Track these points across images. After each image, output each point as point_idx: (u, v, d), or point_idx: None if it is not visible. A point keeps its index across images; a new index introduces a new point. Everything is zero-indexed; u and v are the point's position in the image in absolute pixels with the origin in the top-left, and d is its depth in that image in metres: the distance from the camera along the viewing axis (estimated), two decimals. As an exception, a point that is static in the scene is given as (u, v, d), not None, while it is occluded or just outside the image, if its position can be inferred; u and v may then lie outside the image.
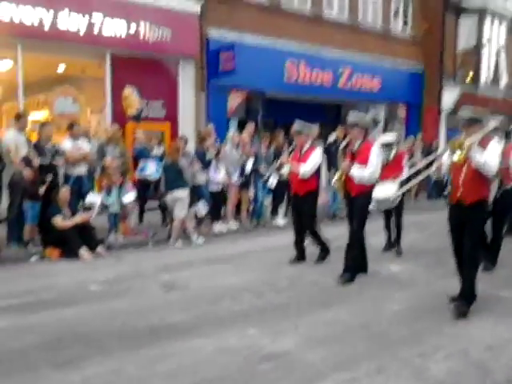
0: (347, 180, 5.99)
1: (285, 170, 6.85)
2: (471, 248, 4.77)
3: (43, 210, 7.25)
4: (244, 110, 13.10)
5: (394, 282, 5.96)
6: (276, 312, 4.89)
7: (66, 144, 8.03)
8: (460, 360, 3.86)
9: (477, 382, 3.50)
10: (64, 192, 7.28)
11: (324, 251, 6.83)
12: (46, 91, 11.04)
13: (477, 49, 17.47)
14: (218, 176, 8.93)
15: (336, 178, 6.12)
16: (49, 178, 7.31)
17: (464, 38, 17.34)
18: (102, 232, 7.86)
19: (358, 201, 5.91)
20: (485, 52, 17.72)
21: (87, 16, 9.86)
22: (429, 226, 9.34)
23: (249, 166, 7.50)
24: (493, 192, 5.87)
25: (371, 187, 5.84)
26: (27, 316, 4.76)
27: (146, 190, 8.92)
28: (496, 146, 4.74)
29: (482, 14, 17.15)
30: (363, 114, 6.10)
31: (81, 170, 8.05)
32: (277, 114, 12.99)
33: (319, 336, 4.30)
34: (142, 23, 10.57)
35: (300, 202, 6.69)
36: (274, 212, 10.04)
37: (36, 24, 9.29)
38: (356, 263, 5.97)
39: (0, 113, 11.74)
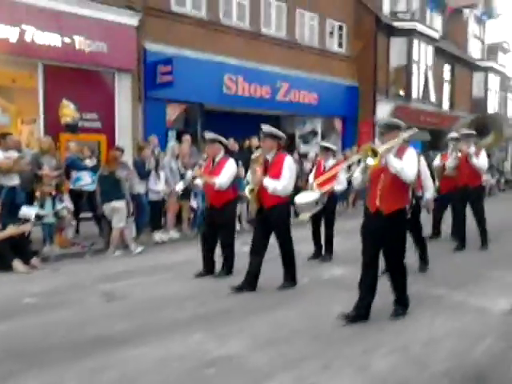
0: (261, 192, 5.71)
1: (198, 182, 6.55)
2: (396, 261, 4.76)
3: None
4: (183, 122, 13.06)
5: (336, 284, 6.07)
6: (220, 317, 4.85)
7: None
8: (401, 356, 3.97)
9: (416, 376, 3.62)
10: None
11: (230, 265, 6.45)
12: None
13: (407, 67, 18.44)
14: (159, 185, 8.95)
15: (248, 190, 5.85)
16: None
17: (395, 57, 18.27)
18: (37, 244, 7.56)
19: (273, 213, 5.68)
20: (414, 70, 18.72)
21: (17, 27, 9.51)
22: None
23: (188, 177, 7.52)
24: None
25: (286, 199, 5.75)
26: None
27: (78, 200, 8.70)
28: (413, 154, 4.69)
29: (410, 35, 18.16)
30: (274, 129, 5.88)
31: (14, 181, 7.71)
32: (216, 125, 12.95)
33: (265, 338, 4.30)
34: (76, 36, 10.33)
35: (218, 215, 6.29)
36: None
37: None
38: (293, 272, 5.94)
39: None
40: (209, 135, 6.46)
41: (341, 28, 17.13)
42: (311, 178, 7.46)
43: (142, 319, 4.81)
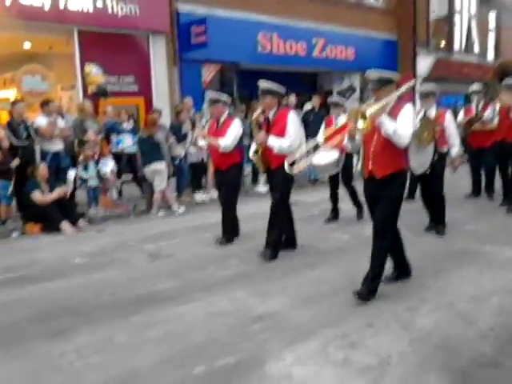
0: (266, 152, 5.44)
1: (202, 144, 6.37)
2: (382, 222, 4.22)
3: (21, 187, 7.13)
4: (219, 83, 12.97)
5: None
6: (263, 275, 4.92)
7: (41, 121, 7.86)
8: (446, 312, 3.94)
9: (462, 332, 3.59)
10: (42, 169, 7.21)
11: (234, 232, 6.30)
12: (13, 69, 10.70)
13: (449, 17, 17.58)
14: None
15: (252, 151, 5.57)
16: (16, 161, 7.19)
17: (436, 7, 17.42)
18: (82, 206, 7.83)
19: (279, 173, 5.35)
20: (457, 20, 17.84)
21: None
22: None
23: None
24: (429, 156, 5.83)
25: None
26: (13, 291, 4.70)
27: (119, 163, 8.87)
28: (409, 113, 4.11)
29: (453, -18, 17.25)
30: (275, 84, 5.48)
31: (58, 146, 7.93)
32: (252, 85, 12.84)
33: (307, 296, 4.34)
34: (108, 0, 10.27)
35: (223, 177, 6.09)
36: (255, 180, 10.28)
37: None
38: (278, 239, 5.58)
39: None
40: (211, 95, 6.20)
41: (377, -22, 16.39)
42: (320, 136, 6.92)
43: (186, 277, 4.94)
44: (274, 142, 5.32)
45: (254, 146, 5.62)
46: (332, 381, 2.97)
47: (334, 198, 7.29)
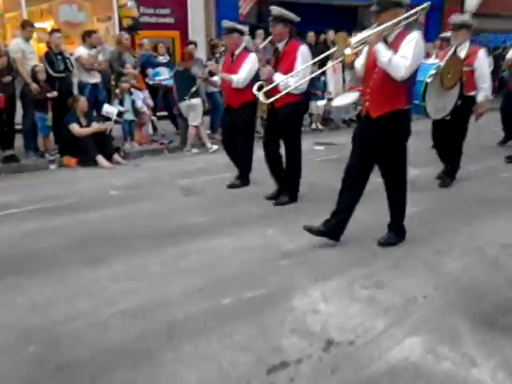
0: (271, 89, 4.90)
1: (216, 79, 6.02)
2: (394, 171, 4.02)
3: (59, 118, 7.27)
4: (256, 16, 12.58)
5: (412, 184, 5.88)
6: (294, 213, 4.97)
7: (82, 51, 7.84)
8: (475, 257, 3.94)
9: (490, 278, 3.59)
10: (82, 102, 7.28)
11: (244, 177, 6.04)
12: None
13: None
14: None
15: (256, 87, 4.94)
16: (53, 93, 7.27)
17: None
18: (118, 140, 7.95)
19: (282, 112, 4.99)
20: None
21: None
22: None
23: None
24: (452, 100, 5.28)
25: (298, 97, 5.00)
26: (51, 219, 4.89)
27: (155, 97, 8.86)
28: (413, 41, 3.61)
29: None
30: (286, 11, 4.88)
31: (96, 78, 7.96)
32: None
33: (336, 235, 4.38)
34: None
35: (234, 116, 5.70)
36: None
37: None
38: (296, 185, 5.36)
39: (3, 22, 11.38)
40: (226, 24, 5.66)
41: None
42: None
43: (218, 213, 5.04)
44: (280, 78, 4.82)
45: (258, 83, 5.02)
46: (356, 318, 3.05)
47: None
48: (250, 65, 5.55)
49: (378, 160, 4.00)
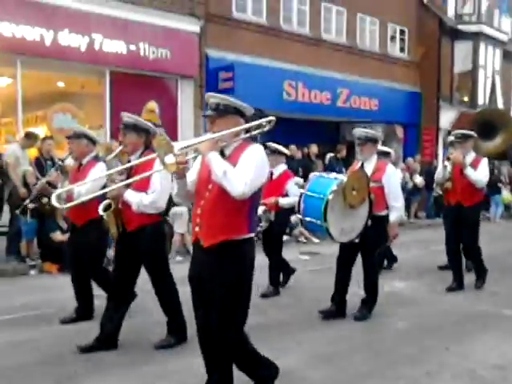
0: (122, 209, 4.14)
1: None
2: (221, 332, 3.08)
3: (41, 224, 7.22)
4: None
5: (397, 299, 5.89)
6: (278, 329, 4.82)
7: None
8: (468, 380, 3.79)
9: (485, 402, 3.44)
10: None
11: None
12: (45, 107, 11.03)
13: (473, 72, 17.73)
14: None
15: (102, 207, 4.10)
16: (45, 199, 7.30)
17: (460, 62, 17.62)
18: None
19: (139, 238, 4.13)
20: (480, 75, 17.97)
21: (87, 36, 9.91)
22: (430, 244, 9.30)
23: None
24: (361, 220, 4.78)
25: (157, 218, 4.23)
26: (27, 331, 4.68)
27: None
28: (253, 155, 2.98)
29: (476, 38, 17.47)
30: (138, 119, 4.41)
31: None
32: (276, 132, 12.94)
33: (323, 353, 4.23)
34: (141, 43, 10.65)
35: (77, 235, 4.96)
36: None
37: (37, 40, 9.31)
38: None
39: (-2, 127, 11.73)
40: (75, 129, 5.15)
41: (403, 32, 16.70)
42: None
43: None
44: (133, 197, 4.07)
45: (104, 202, 4.12)
46: None
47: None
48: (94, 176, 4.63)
49: (213, 305, 3.07)
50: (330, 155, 11.50)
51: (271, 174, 5.88)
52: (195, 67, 11.62)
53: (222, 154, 3.04)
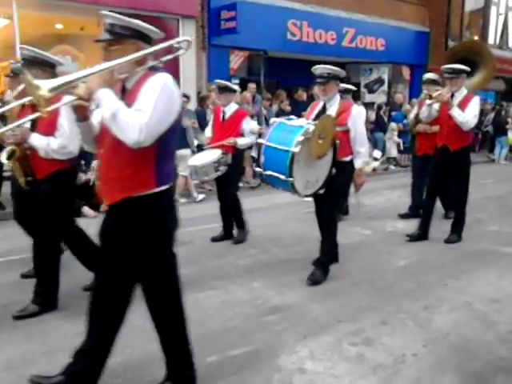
0: (30, 156, 3.81)
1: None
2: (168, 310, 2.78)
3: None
4: (246, 70, 12.93)
5: (399, 238, 5.96)
6: (281, 266, 4.92)
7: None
8: (464, 313, 3.90)
9: (480, 334, 3.54)
10: None
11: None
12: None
13: (484, 9, 17.12)
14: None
15: (6, 153, 3.85)
16: None
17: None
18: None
19: (43, 187, 3.78)
20: (492, 13, 17.37)
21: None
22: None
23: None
24: (324, 170, 4.33)
25: (70, 164, 3.82)
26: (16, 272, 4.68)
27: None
28: (154, 89, 2.36)
29: (490, -27, 16.77)
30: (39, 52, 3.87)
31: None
32: (280, 73, 12.82)
33: (324, 289, 4.34)
34: (140, -19, 10.30)
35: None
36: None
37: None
38: None
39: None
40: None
41: (412, -32, 16.04)
42: (208, 131, 5.94)
43: (204, 264, 4.98)
44: (39, 142, 3.69)
45: (7, 149, 3.86)
46: (344, 378, 2.96)
47: (223, 213, 5.94)
48: None
49: (136, 276, 2.64)
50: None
51: (223, 113, 5.63)
52: (196, 7, 11.30)
53: (124, 89, 2.51)
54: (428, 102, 5.77)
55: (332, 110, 4.46)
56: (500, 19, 17.93)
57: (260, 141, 4.37)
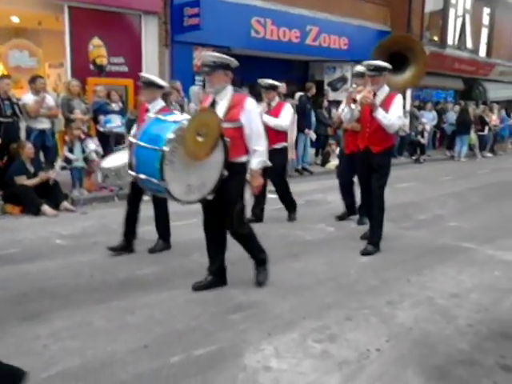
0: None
1: None
2: None
3: (3, 164, 7.04)
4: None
5: (361, 234, 6.02)
6: (245, 263, 4.88)
7: (28, 98, 7.73)
8: (426, 307, 3.97)
9: (442, 328, 3.61)
10: (28, 148, 7.12)
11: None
12: (0, 44, 10.48)
13: (443, 11, 17.55)
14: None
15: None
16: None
17: (431, 0, 17.38)
18: (66, 187, 7.70)
19: None
20: (451, 15, 17.82)
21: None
22: (394, 182, 9.44)
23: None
24: (216, 169, 3.89)
25: None
26: (-10, 271, 4.60)
27: (106, 144, 8.75)
28: None
29: (448, -24, 17.18)
30: None
31: (44, 124, 7.85)
32: (243, 70, 12.73)
33: (289, 286, 4.34)
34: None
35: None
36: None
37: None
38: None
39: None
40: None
41: (374, -31, 16.27)
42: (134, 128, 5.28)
43: (168, 263, 4.91)
44: None
45: None
46: (309, 374, 2.96)
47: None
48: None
49: None
50: (299, 94, 11.38)
51: (147, 111, 4.89)
52: (159, 3, 11.12)
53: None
54: (353, 106, 5.49)
55: (222, 104, 3.99)
56: (458, 21, 18.40)
57: (131, 139, 3.90)
